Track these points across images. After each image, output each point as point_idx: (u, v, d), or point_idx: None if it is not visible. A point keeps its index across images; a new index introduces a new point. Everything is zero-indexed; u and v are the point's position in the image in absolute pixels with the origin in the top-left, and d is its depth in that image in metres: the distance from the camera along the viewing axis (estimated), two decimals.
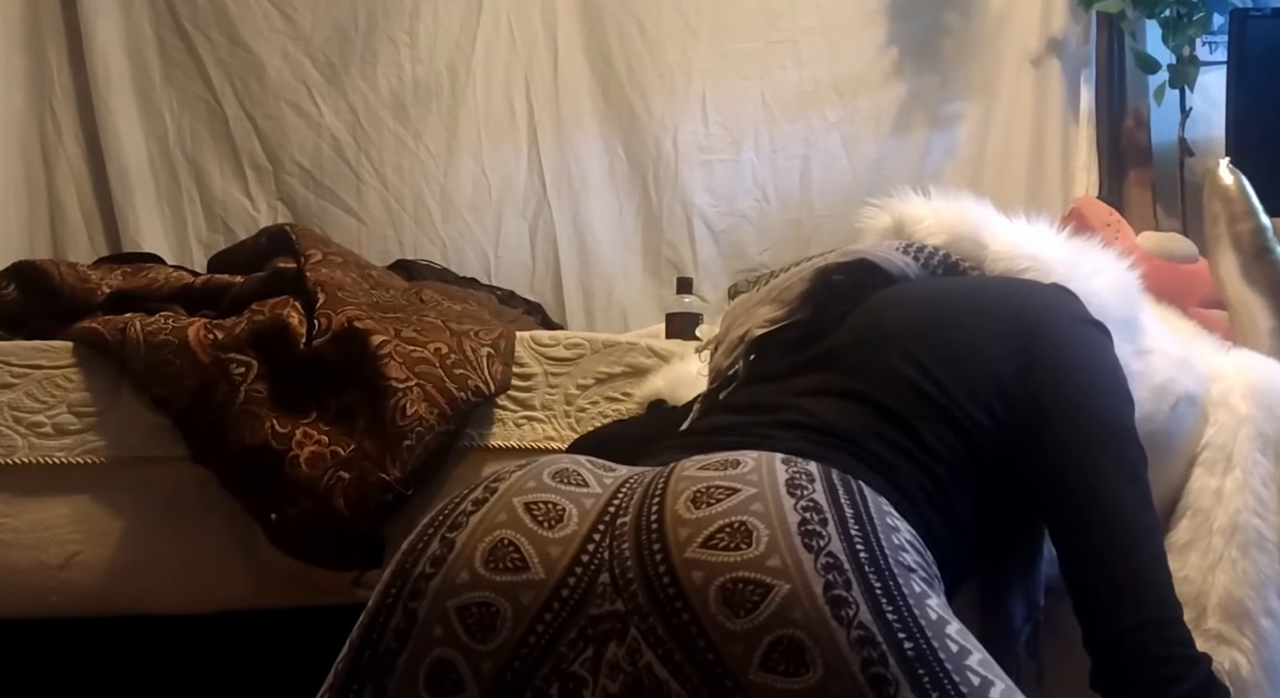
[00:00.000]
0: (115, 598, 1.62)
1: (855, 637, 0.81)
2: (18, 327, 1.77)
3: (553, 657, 0.86)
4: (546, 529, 0.90)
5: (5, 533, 1.59)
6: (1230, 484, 1.29)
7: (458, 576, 0.89)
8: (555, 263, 2.67)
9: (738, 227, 2.69)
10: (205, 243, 2.65)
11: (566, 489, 0.94)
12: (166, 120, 2.67)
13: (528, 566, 0.88)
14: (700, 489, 0.90)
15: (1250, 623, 1.23)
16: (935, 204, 1.35)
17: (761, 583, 0.83)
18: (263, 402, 1.57)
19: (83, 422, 1.62)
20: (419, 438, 1.52)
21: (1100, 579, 0.99)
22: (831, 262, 1.24)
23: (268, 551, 1.56)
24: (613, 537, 0.90)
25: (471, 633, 0.87)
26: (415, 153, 2.68)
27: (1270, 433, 1.31)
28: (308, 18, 2.67)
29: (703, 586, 0.84)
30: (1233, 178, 1.50)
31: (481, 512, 0.93)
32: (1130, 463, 1.05)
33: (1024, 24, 2.69)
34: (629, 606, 0.86)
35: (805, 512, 0.87)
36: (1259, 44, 2.36)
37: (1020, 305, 1.14)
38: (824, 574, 0.83)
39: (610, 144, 2.70)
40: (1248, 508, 1.27)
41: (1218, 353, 1.42)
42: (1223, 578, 1.24)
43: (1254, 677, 1.21)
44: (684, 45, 2.70)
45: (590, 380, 1.64)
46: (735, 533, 0.85)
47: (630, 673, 0.85)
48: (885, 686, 0.80)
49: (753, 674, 0.81)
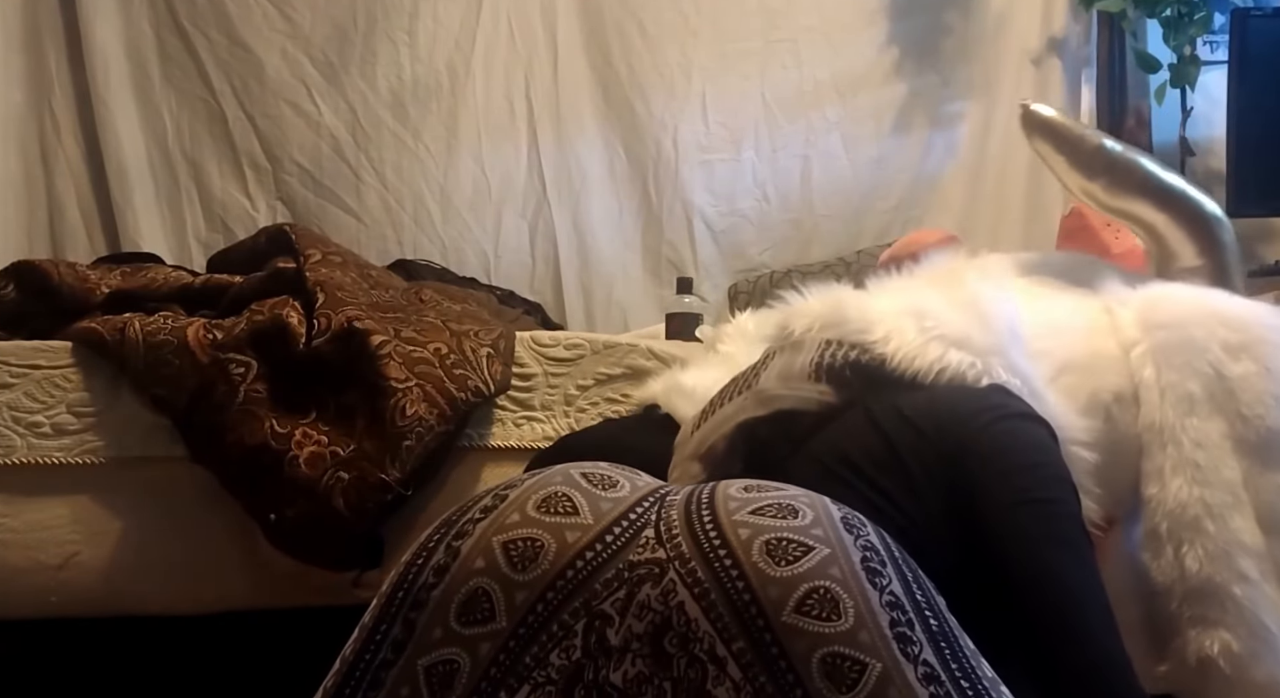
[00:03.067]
0: (114, 598, 1.61)
1: (886, 601, 0.86)
2: (17, 327, 1.76)
3: (585, 592, 0.88)
4: (601, 490, 0.95)
5: (4, 533, 1.58)
6: (1168, 463, 1.28)
7: (509, 517, 0.92)
8: (555, 263, 2.67)
9: (738, 226, 2.69)
10: (204, 243, 2.65)
11: (618, 472, 0.99)
12: (166, 120, 2.67)
13: (578, 512, 0.92)
14: (751, 483, 0.96)
15: (1225, 597, 1.21)
16: (810, 303, 1.36)
17: (804, 544, 0.88)
18: (262, 402, 1.57)
19: (81, 422, 1.61)
20: (418, 438, 1.52)
21: (1043, 636, 1.02)
22: (751, 416, 1.22)
23: (267, 551, 1.56)
24: (662, 506, 0.94)
25: (513, 563, 0.89)
26: (415, 152, 2.68)
27: (1195, 391, 1.30)
28: (307, 17, 2.67)
29: (748, 539, 0.89)
30: (1046, 111, 1.47)
31: (537, 477, 0.96)
32: (1062, 529, 1.08)
33: (1024, 23, 2.69)
34: (671, 553, 0.90)
35: (846, 513, 0.94)
36: (1260, 43, 2.36)
37: (945, 421, 1.15)
38: (862, 551, 0.89)
39: (610, 144, 2.70)
40: (1188, 481, 1.26)
41: (1122, 305, 1.40)
42: (1187, 562, 1.23)
43: (1247, 647, 1.20)
44: (684, 45, 2.70)
45: (590, 381, 1.64)
46: (783, 509, 0.91)
47: (660, 612, 0.87)
48: (909, 644, 0.84)
49: (785, 616, 0.84)
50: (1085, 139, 1.44)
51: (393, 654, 0.89)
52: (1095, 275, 1.47)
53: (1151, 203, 1.46)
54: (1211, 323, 1.33)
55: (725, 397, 1.27)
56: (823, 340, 1.28)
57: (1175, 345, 1.32)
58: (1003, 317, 1.30)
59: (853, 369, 1.25)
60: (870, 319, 1.28)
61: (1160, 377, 1.30)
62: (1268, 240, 2.68)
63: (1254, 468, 1.27)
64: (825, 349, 1.27)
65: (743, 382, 1.28)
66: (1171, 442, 1.27)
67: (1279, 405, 1.29)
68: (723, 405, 1.25)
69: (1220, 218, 1.50)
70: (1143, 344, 1.33)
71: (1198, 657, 1.19)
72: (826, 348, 1.27)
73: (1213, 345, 1.31)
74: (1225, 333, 1.32)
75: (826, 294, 1.38)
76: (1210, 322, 1.33)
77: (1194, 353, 1.31)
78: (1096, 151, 1.45)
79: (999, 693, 0.88)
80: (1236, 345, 1.31)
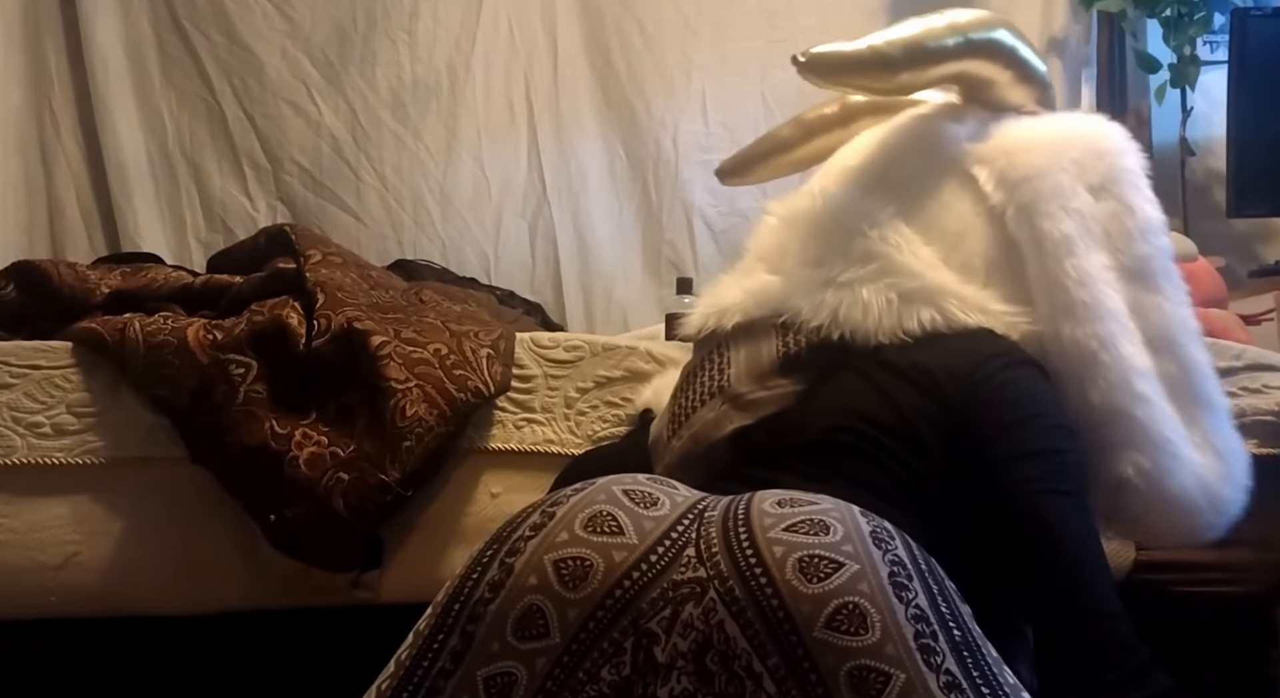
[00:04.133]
0: (114, 599, 1.61)
1: (912, 614, 0.90)
2: (17, 327, 1.76)
3: (633, 611, 0.92)
4: (643, 509, 0.98)
5: (4, 533, 1.58)
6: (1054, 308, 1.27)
7: (558, 536, 0.95)
8: (555, 263, 2.67)
9: (738, 227, 2.69)
10: (204, 243, 2.64)
11: (660, 488, 1.02)
12: (165, 120, 2.67)
13: (623, 532, 0.96)
14: (785, 497, 1.00)
15: (1128, 420, 1.23)
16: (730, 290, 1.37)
17: (834, 560, 0.91)
18: (262, 402, 1.57)
19: (82, 422, 1.61)
20: (418, 439, 1.52)
21: (1047, 583, 1.08)
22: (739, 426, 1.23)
23: (267, 551, 1.56)
24: (701, 523, 0.98)
25: (564, 582, 0.93)
26: (415, 152, 2.68)
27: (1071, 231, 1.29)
28: (307, 17, 2.67)
29: (782, 557, 0.92)
30: (818, 49, 1.46)
31: (580, 495, 0.99)
32: (1063, 479, 1.13)
33: (1024, 24, 2.66)
34: (711, 572, 0.93)
35: (875, 527, 0.97)
36: (1260, 43, 2.37)
37: (943, 374, 1.18)
38: (889, 566, 0.93)
39: (610, 144, 2.70)
40: (1078, 320, 1.25)
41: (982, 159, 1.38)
42: (1089, 396, 1.24)
43: (1156, 463, 1.22)
44: (684, 45, 2.70)
45: (590, 384, 1.64)
46: (815, 526, 0.95)
47: (702, 631, 0.91)
48: (932, 655, 0.88)
49: (817, 632, 0.88)
50: (861, 53, 1.44)
51: (451, 664, 0.93)
52: (936, 141, 1.45)
53: (948, 63, 1.46)
54: (1071, 167, 1.33)
55: (693, 398, 1.28)
56: (775, 326, 1.28)
57: (1043, 195, 1.31)
58: (917, 253, 1.31)
59: (814, 352, 1.26)
60: (800, 306, 1.28)
61: (1034, 228, 1.30)
62: (1268, 240, 2.69)
63: (1137, 293, 1.29)
64: (784, 335, 1.27)
65: (709, 382, 1.28)
66: (1056, 287, 1.27)
67: (1143, 236, 1.31)
68: (694, 410, 1.27)
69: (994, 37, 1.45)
70: (1011, 206, 1.32)
71: (1113, 479, 1.22)
72: (784, 334, 1.27)
73: (1079, 188, 1.32)
74: (1087, 174, 1.33)
75: (742, 283, 1.38)
76: (1070, 164, 1.33)
77: (1063, 198, 1.31)
78: (876, 56, 1.44)
79: (986, 644, 0.93)
80: (1099, 185, 1.33)
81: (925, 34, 1.44)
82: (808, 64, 1.43)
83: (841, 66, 1.44)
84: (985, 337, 1.24)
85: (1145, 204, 1.34)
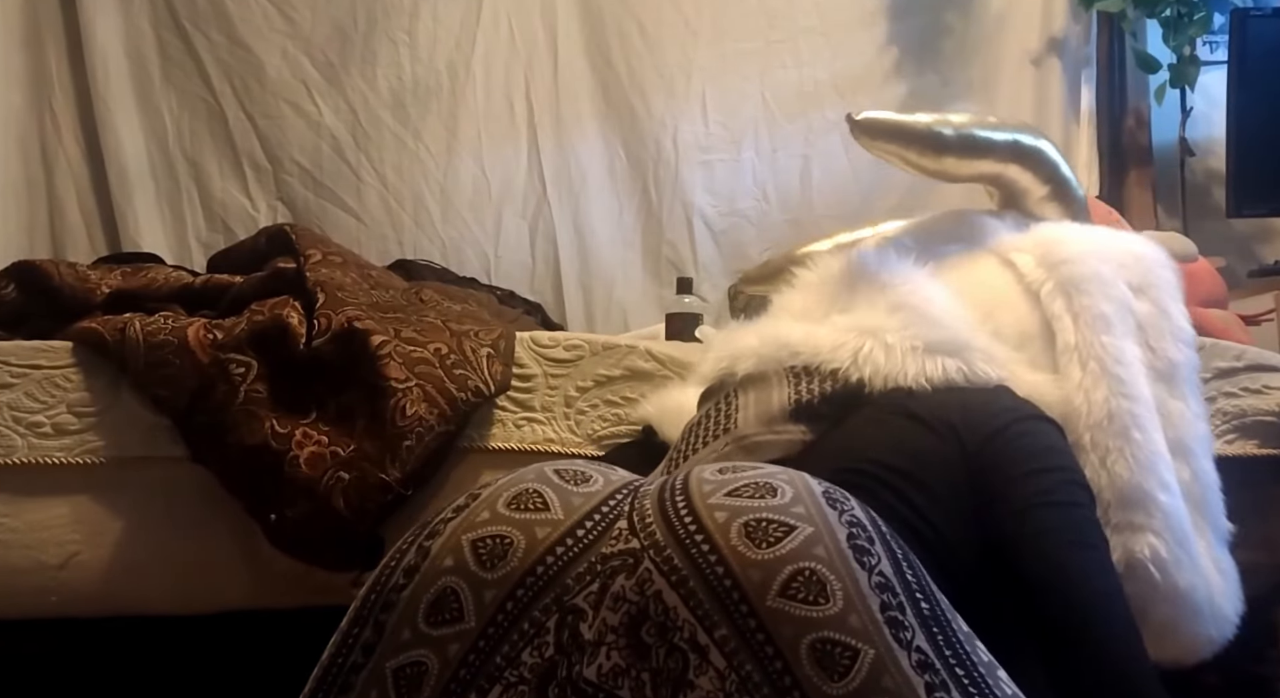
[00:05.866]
0: (114, 598, 1.61)
1: (875, 582, 0.83)
2: (17, 327, 1.76)
3: (556, 587, 0.86)
4: (573, 485, 0.93)
5: (4, 533, 1.58)
6: (1088, 378, 1.29)
7: (478, 514, 0.91)
8: (555, 263, 2.67)
9: (738, 227, 2.70)
10: (205, 243, 2.65)
11: (590, 467, 0.97)
12: (166, 120, 2.67)
13: (549, 508, 0.90)
14: (726, 465, 0.94)
15: (1151, 503, 1.23)
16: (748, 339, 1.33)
17: (785, 523, 0.85)
18: (262, 402, 1.57)
19: (82, 422, 1.61)
20: (419, 438, 1.52)
21: (1065, 637, 1.00)
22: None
23: (267, 551, 1.56)
24: (635, 498, 0.92)
25: (481, 562, 0.87)
26: (415, 152, 2.68)
27: (1110, 312, 1.31)
28: (307, 17, 2.67)
29: (725, 522, 0.86)
30: (877, 113, 1.47)
31: (510, 476, 0.95)
32: (1083, 532, 1.07)
33: (1024, 24, 2.69)
34: (645, 542, 0.87)
35: (828, 488, 0.91)
36: (1259, 44, 2.37)
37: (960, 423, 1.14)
38: (848, 528, 0.86)
39: (610, 144, 2.70)
40: (1114, 393, 1.27)
41: (1019, 252, 1.40)
42: (1116, 469, 1.24)
43: (1173, 554, 1.22)
44: (684, 45, 2.70)
45: (590, 383, 1.64)
46: (760, 488, 0.89)
47: (635, 603, 0.85)
48: (901, 630, 0.82)
49: (770, 601, 0.81)
50: (916, 126, 1.46)
51: (362, 658, 0.88)
52: (976, 230, 1.48)
53: (993, 159, 1.48)
54: (1112, 261, 1.35)
55: (695, 442, 1.22)
56: (788, 372, 1.24)
57: (1084, 277, 1.33)
58: (948, 309, 1.30)
59: (828, 402, 1.21)
60: (820, 347, 1.25)
61: (1072, 302, 1.32)
62: (1268, 240, 2.68)
63: (1164, 395, 1.30)
64: (797, 383, 1.23)
65: (714, 427, 1.22)
66: (1093, 358, 1.28)
67: (1176, 341, 1.33)
68: (694, 452, 1.21)
69: (1040, 147, 1.51)
70: (1049, 281, 1.34)
71: (1126, 561, 1.20)
72: (797, 382, 1.23)
73: (1119, 281, 1.34)
74: (1126, 273, 1.35)
75: (759, 330, 1.34)
76: (1111, 260, 1.36)
77: (1103, 284, 1.33)
78: (930, 133, 1.46)
79: (995, 679, 0.85)
80: (1138, 285, 1.35)
81: (977, 123, 1.47)
82: (861, 125, 1.43)
83: (894, 133, 1.46)
84: (1005, 393, 1.22)
85: (1181, 315, 1.36)
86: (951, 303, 1.31)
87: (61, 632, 1.69)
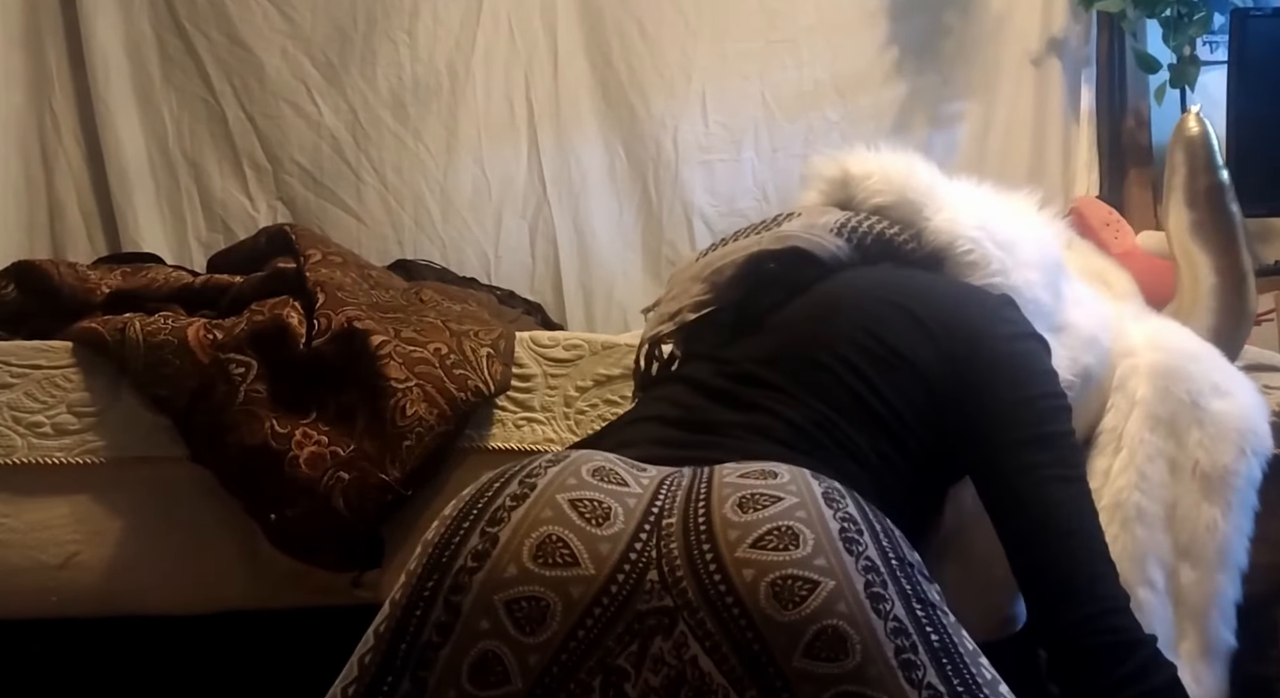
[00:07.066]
0: (115, 598, 1.61)
1: (891, 628, 0.89)
2: (17, 327, 1.76)
3: (599, 650, 0.89)
4: (594, 527, 0.93)
5: (4, 533, 1.59)
6: (1117, 464, 1.34)
7: (505, 570, 0.91)
8: (555, 263, 2.67)
9: (737, 226, 2.68)
10: (205, 243, 2.64)
11: (609, 488, 0.97)
12: (166, 120, 2.66)
13: (578, 561, 0.91)
14: (745, 495, 0.96)
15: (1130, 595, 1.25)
16: (884, 160, 1.37)
17: (809, 580, 0.89)
18: (262, 402, 1.57)
19: (82, 422, 1.62)
20: (418, 438, 1.52)
21: (1052, 579, 1.07)
22: (765, 248, 1.29)
23: (267, 551, 1.56)
24: (659, 537, 0.94)
25: (520, 626, 0.89)
26: (415, 152, 2.67)
27: (1162, 413, 1.36)
28: (307, 17, 2.66)
29: (753, 582, 0.89)
30: (1199, 128, 1.49)
31: (524, 507, 0.94)
32: (1069, 465, 1.12)
33: (1024, 24, 2.69)
34: (678, 601, 0.90)
35: (843, 521, 0.94)
36: (1260, 44, 2.36)
37: (956, 323, 1.19)
38: (864, 574, 0.90)
39: (610, 144, 2.70)
40: (1131, 485, 1.32)
41: (1136, 321, 1.44)
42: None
43: None
44: (684, 45, 2.70)
45: (589, 382, 1.64)
46: (783, 536, 0.91)
47: (674, 666, 0.89)
48: (914, 670, 0.88)
49: (796, 661, 0.87)
50: (1210, 170, 1.47)
51: (439, 637, 0.90)
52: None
53: (1216, 262, 1.49)
54: (1210, 368, 1.40)
55: (740, 234, 1.33)
56: (855, 211, 1.33)
57: (1166, 369, 1.38)
58: (1055, 251, 1.35)
59: (876, 240, 1.28)
60: (937, 195, 1.30)
61: (1139, 390, 1.36)
62: (1268, 240, 2.68)
63: (1191, 498, 1.33)
64: (854, 216, 1.31)
65: (761, 226, 1.33)
66: (1128, 448, 1.33)
67: (1236, 447, 1.35)
68: (736, 240, 1.31)
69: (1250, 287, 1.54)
70: (1138, 358, 1.38)
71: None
72: (854, 215, 1.31)
73: (1203, 384, 1.38)
74: (1217, 378, 1.39)
75: (896, 156, 1.39)
76: (1209, 367, 1.40)
77: (1179, 381, 1.37)
78: (1211, 189, 1.48)
79: (961, 636, 0.93)
80: (1225, 390, 1.38)
81: (1238, 228, 1.56)
82: (1188, 119, 1.59)
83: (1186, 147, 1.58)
84: (1008, 303, 1.25)
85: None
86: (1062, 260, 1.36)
87: (61, 632, 1.69)
